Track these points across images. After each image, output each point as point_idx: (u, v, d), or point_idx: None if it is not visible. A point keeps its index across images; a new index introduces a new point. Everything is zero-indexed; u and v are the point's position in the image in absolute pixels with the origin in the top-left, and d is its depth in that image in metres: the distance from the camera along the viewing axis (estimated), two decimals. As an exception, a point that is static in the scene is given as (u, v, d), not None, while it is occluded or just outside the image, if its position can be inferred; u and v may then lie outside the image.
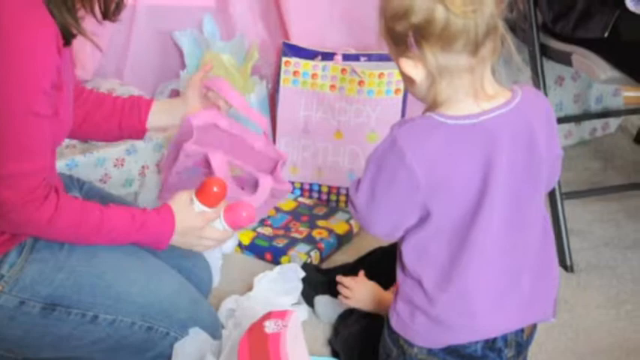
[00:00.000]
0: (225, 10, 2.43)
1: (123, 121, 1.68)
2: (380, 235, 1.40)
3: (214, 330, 1.60)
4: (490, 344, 1.41)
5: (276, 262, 2.19)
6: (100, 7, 1.43)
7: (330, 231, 2.23)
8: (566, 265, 2.11)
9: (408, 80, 1.30)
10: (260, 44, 2.44)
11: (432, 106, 1.31)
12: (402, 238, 1.39)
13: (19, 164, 1.32)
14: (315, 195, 2.44)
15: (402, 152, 1.27)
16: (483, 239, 1.33)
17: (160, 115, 1.71)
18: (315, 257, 2.20)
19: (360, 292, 1.75)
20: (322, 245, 2.21)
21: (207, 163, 1.67)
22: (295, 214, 2.36)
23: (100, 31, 1.51)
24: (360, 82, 2.30)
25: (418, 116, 1.32)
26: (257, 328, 1.56)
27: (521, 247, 1.37)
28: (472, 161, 1.29)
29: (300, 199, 2.42)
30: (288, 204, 2.40)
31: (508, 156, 1.30)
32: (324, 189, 2.43)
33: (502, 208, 1.32)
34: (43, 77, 1.30)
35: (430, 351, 1.41)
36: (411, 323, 1.40)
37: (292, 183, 2.46)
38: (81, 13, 1.40)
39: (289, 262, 2.17)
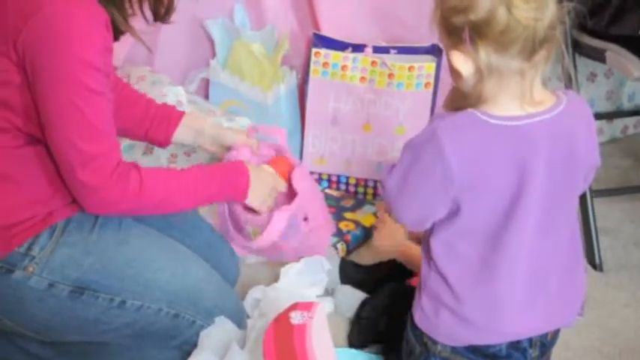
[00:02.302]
0: (256, 0, 2.43)
1: (150, 130, 1.72)
2: (407, 223, 1.39)
3: (240, 319, 1.60)
4: (515, 344, 1.40)
5: (302, 253, 2.19)
6: (151, 9, 1.45)
7: (357, 223, 2.23)
8: (595, 264, 2.09)
9: (455, 73, 1.29)
10: (290, 34, 2.43)
11: (475, 102, 1.29)
12: (431, 233, 1.38)
13: (95, 145, 1.35)
14: (343, 187, 2.43)
15: (440, 145, 1.26)
16: (515, 242, 1.32)
17: (187, 132, 1.75)
18: (341, 249, 2.20)
19: (388, 229, 1.75)
20: (349, 237, 2.20)
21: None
22: (322, 205, 2.35)
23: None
24: (390, 75, 2.29)
25: (461, 111, 1.30)
26: (283, 318, 1.56)
27: (550, 251, 1.36)
28: (510, 163, 1.28)
29: (328, 191, 2.42)
30: (315, 195, 2.39)
31: (546, 162, 1.28)
32: (352, 181, 2.43)
33: (536, 213, 1.31)
34: (96, 55, 1.32)
35: (454, 349, 1.40)
36: (435, 320, 1.39)
37: (320, 174, 2.45)
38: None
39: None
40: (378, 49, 2.36)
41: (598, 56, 2.18)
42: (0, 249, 1.38)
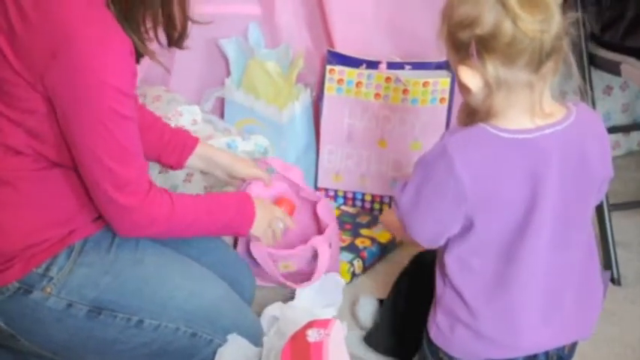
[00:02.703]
0: (270, 19, 2.44)
1: (163, 155, 1.75)
2: (421, 240, 1.39)
3: (257, 337, 1.60)
4: (531, 358, 1.40)
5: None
6: (164, 33, 1.46)
7: (373, 240, 2.22)
8: (613, 278, 2.08)
9: (463, 88, 1.29)
10: (305, 52, 2.44)
11: (485, 116, 1.29)
12: (445, 249, 1.37)
13: (129, 169, 1.37)
14: (359, 203, 2.43)
15: (451, 161, 1.26)
16: (530, 256, 1.31)
17: (200, 161, 1.78)
18: (357, 266, 2.20)
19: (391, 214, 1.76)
20: (365, 254, 2.20)
21: None
22: (338, 222, 2.34)
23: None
24: (405, 91, 2.29)
25: (471, 126, 1.30)
26: (299, 336, 1.56)
27: (565, 265, 1.36)
28: (522, 176, 1.27)
29: (343, 208, 2.42)
30: (331, 212, 2.39)
31: (559, 174, 1.28)
32: (368, 197, 2.43)
33: (550, 227, 1.31)
34: (125, 82, 1.34)
35: None
36: (450, 336, 1.39)
37: (335, 191, 2.46)
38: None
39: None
40: (392, 65, 2.36)
41: (613, 69, 2.17)
42: (18, 270, 1.39)
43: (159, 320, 1.46)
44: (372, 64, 2.38)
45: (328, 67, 2.40)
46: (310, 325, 1.59)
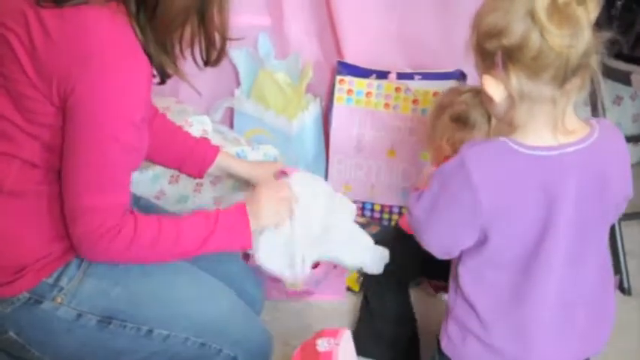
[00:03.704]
0: (280, 29, 2.45)
1: (185, 166, 1.77)
2: (434, 251, 1.38)
3: (266, 348, 1.60)
4: None
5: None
6: (202, 55, 1.45)
7: (382, 250, 2.22)
8: (623, 288, 2.07)
9: (487, 98, 1.27)
10: (314, 63, 2.45)
11: (508, 130, 1.28)
12: (459, 260, 1.37)
13: (105, 197, 1.34)
14: (368, 213, 2.44)
15: (469, 174, 1.25)
16: (545, 273, 1.30)
17: (218, 170, 1.80)
18: (367, 276, 2.19)
19: None
20: (375, 264, 2.19)
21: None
22: (348, 232, 2.35)
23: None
24: (415, 101, 2.30)
25: (491, 140, 1.29)
26: (309, 346, 1.56)
27: (580, 282, 1.34)
28: (538, 194, 1.26)
29: (353, 218, 2.42)
30: (340, 222, 2.39)
31: (577, 193, 1.26)
32: (377, 207, 2.43)
33: (565, 244, 1.29)
34: (135, 111, 1.34)
35: None
36: (462, 347, 1.38)
37: (345, 201, 2.46)
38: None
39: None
40: (402, 76, 2.37)
41: (624, 79, 2.17)
42: (28, 280, 1.39)
43: (168, 330, 1.46)
44: (382, 75, 2.38)
45: (338, 77, 2.41)
46: (320, 334, 1.59)
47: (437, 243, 1.36)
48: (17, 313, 1.40)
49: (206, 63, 1.46)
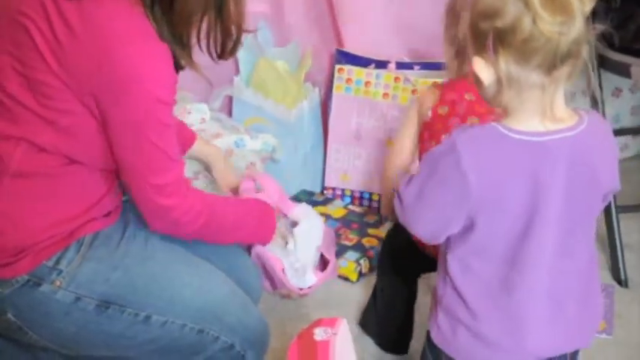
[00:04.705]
0: (279, 17, 2.44)
1: None
2: (421, 236, 1.37)
3: (263, 336, 1.60)
4: None
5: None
6: (216, 48, 1.46)
7: (380, 239, 2.23)
8: (620, 280, 2.07)
9: (477, 80, 1.28)
10: (313, 51, 2.45)
11: (498, 115, 1.29)
12: (448, 249, 1.36)
13: (166, 173, 1.41)
14: (366, 203, 2.44)
15: (458, 157, 1.25)
16: (533, 263, 1.30)
17: (193, 158, 1.85)
18: (364, 265, 2.20)
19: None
20: (372, 253, 2.20)
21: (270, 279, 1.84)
22: (345, 221, 2.35)
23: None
24: (414, 91, 2.30)
25: (482, 124, 1.30)
26: (307, 335, 1.57)
27: (569, 273, 1.34)
28: (527, 179, 1.26)
29: (351, 207, 2.42)
30: (338, 211, 2.40)
31: (565, 181, 1.27)
32: (375, 197, 2.43)
33: (554, 233, 1.29)
34: (169, 93, 1.37)
35: None
36: (452, 338, 1.37)
37: (343, 190, 2.46)
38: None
39: (339, 269, 2.17)
40: (401, 65, 2.37)
41: (623, 71, 2.17)
42: (28, 262, 1.39)
43: (166, 316, 1.47)
44: (381, 64, 2.38)
45: (337, 66, 2.40)
46: (317, 323, 1.60)
47: (424, 227, 1.35)
48: (16, 295, 1.41)
49: (221, 55, 1.47)
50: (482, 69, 1.24)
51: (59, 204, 1.41)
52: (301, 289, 1.82)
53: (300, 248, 1.78)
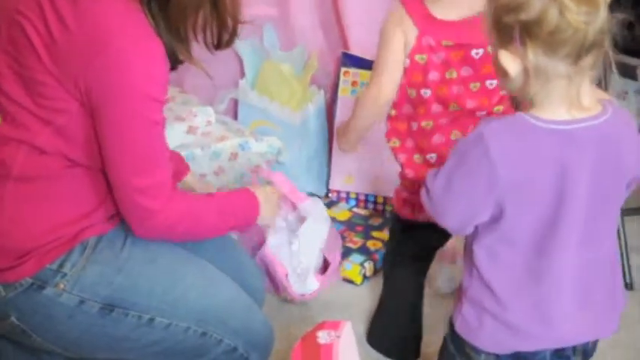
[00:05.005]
0: (285, 21, 2.45)
1: None
2: (450, 227, 1.39)
3: (267, 339, 1.60)
4: (559, 352, 1.39)
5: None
6: (213, 39, 1.47)
7: (385, 242, 2.22)
8: (625, 283, 2.07)
9: (502, 72, 1.29)
10: (319, 54, 2.45)
11: (524, 106, 1.30)
12: (474, 239, 1.37)
13: (151, 174, 1.39)
14: (371, 205, 2.44)
15: (486, 147, 1.26)
16: (561, 251, 1.31)
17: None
18: (369, 268, 2.20)
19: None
20: (377, 256, 2.20)
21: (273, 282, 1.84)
22: (350, 224, 2.35)
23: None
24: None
25: (509, 115, 1.31)
26: (310, 338, 1.57)
27: (596, 261, 1.35)
28: (554, 168, 1.27)
29: (355, 210, 2.42)
30: (342, 214, 2.40)
31: (592, 168, 1.28)
32: (380, 200, 2.43)
33: (581, 220, 1.30)
34: (160, 90, 1.36)
35: (498, 358, 1.39)
36: (478, 327, 1.38)
37: (347, 193, 2.46)
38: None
39: (343, 272, 2.17)
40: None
41: (629, 73, 2.17)
42: (32, 266, 1.40)
43: (170, 319, 1.47)
44: (386, 67, 2.37)
45: (343, 69, 2.41)
46: (321, 326, 1.60)
47: (453, 218, 1.36)
48: (20, 299, 1.41)
49: (217, 47, 1.48)
50: (509, 61, 1.26)
51: (62, 207, 1.41)
52: (303, 294, 1.83)
53: (304, 251, 1.78)
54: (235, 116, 2.52)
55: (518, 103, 1.34)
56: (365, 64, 2.39)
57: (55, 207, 1.42)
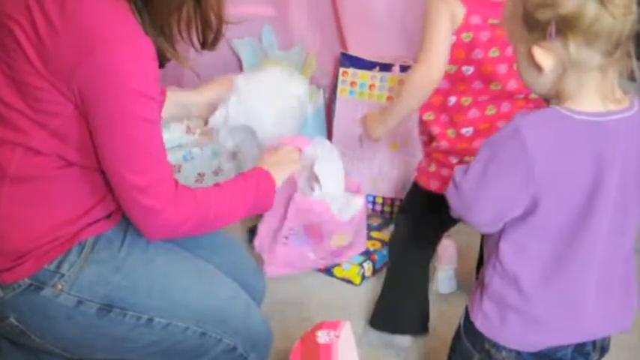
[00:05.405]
0: (284, 20, 2.45)
1: None
2: (480, 223, 1.37)
3: (266, 338, 1.60)
4: (580, 348, 1.39)
5: (329, 272, 2.19)
6: (199, 38, 1.46)
7: (384, 242, 2.23)
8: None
9: (534, 68, 1.29)
10: (318, 54, 2.45)
11: (555, 99, 1.30)
12: (501, 236, 1.36)
13: (150, 172, 1.37)
14: (370, 206, 2.43)
15: (523, 140, 1.26)
16: (591, 241, 1.31)
17: (172, 109, 1.73)
18: (368, 269, 2.20)
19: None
20: (376, 257, 2.20)
21: (318, 236, 1.74)
22: (349, 224, 2.35)
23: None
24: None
25: (543, 108, 1.30)
26: (309, 338, 1.57)
27: (618, 252, 1.36)
28: (589, 159, 1.28)
29: (355, 210, 2.41)
30: (342, 214, 2.39)
31: (622, 160, 1.29)
32: (379, 200, 2.43)
33: (612, 210, 1.31)
34: (152, 87, 1.35)
35: (519, 355, 1.38)
36: (501, 324, 1.38)
37: (347, 193, 2.45)
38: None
39: (342, 272, 2.17)
40: (405, 68, 2.37)
41: (629, 75, 2.16)
42: (30, 266, 1.39)
43: (169, 319, 1.46)
44: (385, 67, 2.38)
45: (341, 69, 2.40)
46: (320, 326, 1.60)
47: (484, 213, 1.35)
48: (18, 299, 1.40)
49: (203, 45, 1.47)
50: (543, 57, 1.26)
51: (59, 207, 1.41)
52: (353, 218, 1.75)
53: (329, 185, 1.71)
54: (234, 116, 2.51)
55: (547, 99, 1.33)
56: (363, 65, 2.39)
57: (51, 207, 1.41)
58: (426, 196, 1.90)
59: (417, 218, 1.96)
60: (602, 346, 1.42)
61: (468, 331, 1.43)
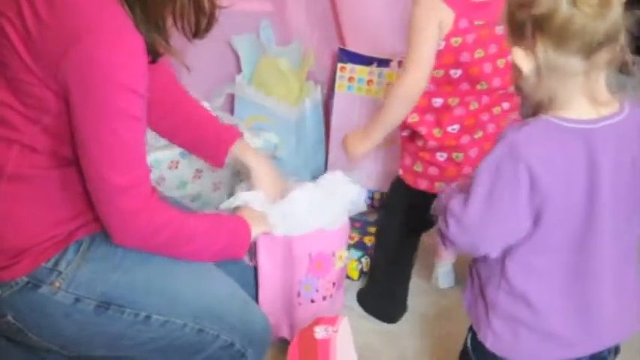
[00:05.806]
0: (282, 16, 2.44)
1: (201, 153, 1.75)
2: (490, 251, 1.33)
3: (264, 334, 1.60)
4: (597, 355, 1.38)
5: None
6: (191, 26, 1.44)
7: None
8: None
9: (516, 71, 1.28)
10: (316, 50, 2.45)
11: (545, 106, 1.28)
12: (506, 256, 1.33)
13: (130, 172, 1.36)
14: (367, 201, 2.43)
15: (523, 156, 1.24)
16: (598, 246, 1.30)
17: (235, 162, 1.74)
18: (365, 263, 2.20)
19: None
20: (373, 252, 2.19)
21: (322, 265, 1.78)
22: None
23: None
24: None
25: (533, 119, 1.28)
26: (307, 333, 1.57)
27: (624, 255, 1.35)
28: (587, 166, 1.26)
29: (352, 205, 2.41)
30: (340, 209, 2.39)
31: (614, 163, 1.28)
32: (377, 195, 2.43)
33: (610, 215, 1.30)
34: (138, 82, 1.33)
35: None
36: (514, 342, 1.35)
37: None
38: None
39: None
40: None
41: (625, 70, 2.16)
42: (27, 264, 1.39)
43: (166, 316, 1.46)
44: (383, 63, 2.38)
45: (339, 64, 2.40)
46: (318, 321, 1.60)
47: (495, 240, 1.32)
48: (15, 297, 1.41)
49: (195, 34, 1.45)
50: (522, 58, 1.25)
51: (57, 205, 1.41)
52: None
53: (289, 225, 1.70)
54: (232, 111, 2.51)
55: (536, 107, 1.32)
56: (361, 60, 2.39)
57: (49, 206, 1.41)
58: (412, 192, 1.92)
59: (405, 213, 1.99)
60: (616, 351, 1.42)
61: (477, 352, 1.41)
